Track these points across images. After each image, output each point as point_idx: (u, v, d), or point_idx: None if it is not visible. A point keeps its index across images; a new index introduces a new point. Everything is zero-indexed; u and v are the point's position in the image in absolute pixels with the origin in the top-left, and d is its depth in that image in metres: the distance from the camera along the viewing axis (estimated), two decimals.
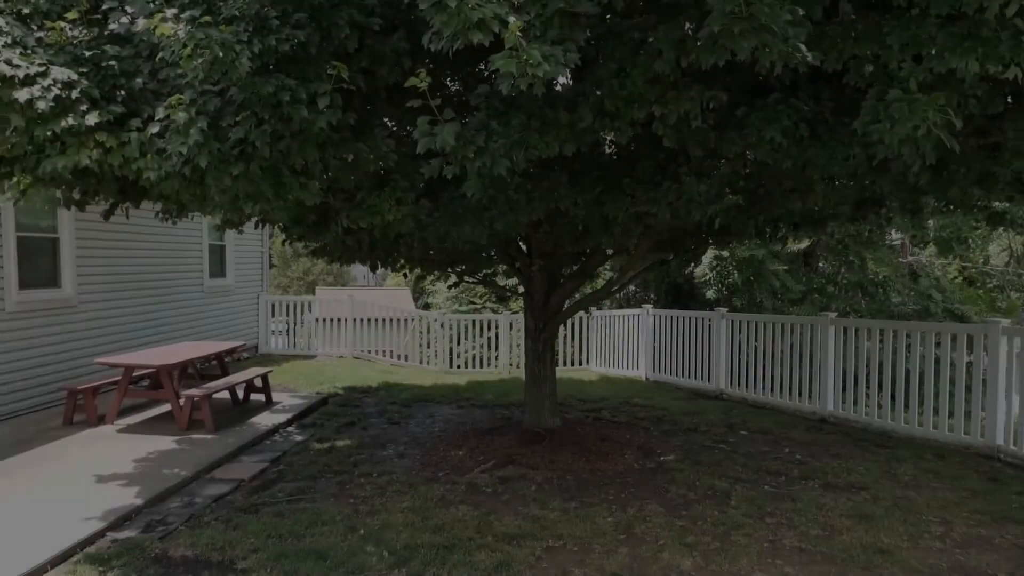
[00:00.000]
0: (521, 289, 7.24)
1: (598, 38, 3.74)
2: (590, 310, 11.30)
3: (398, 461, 6.33)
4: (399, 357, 12.85)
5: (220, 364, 8.84)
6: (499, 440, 6.71)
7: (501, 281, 8.57)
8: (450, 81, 5.48)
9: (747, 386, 9.12)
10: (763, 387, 8.86)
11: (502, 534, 4.58)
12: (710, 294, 14.59)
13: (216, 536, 4.52)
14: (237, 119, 3.43)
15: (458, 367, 12.30)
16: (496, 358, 12.26)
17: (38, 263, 8.25)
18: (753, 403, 8.94)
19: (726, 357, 9.45)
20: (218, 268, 12.31)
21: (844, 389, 7.86)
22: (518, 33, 2.81)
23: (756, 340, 8.94)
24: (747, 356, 9.09)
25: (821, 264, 16.13)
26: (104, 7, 3.68)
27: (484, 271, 7.03)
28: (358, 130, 3.89)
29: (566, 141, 3.85)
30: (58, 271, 8.59)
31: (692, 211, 4.41)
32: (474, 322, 12.45)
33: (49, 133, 3.45)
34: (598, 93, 3.69)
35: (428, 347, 12.64)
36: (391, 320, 13.02)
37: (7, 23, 3.43)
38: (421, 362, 12.57)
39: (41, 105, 3.31)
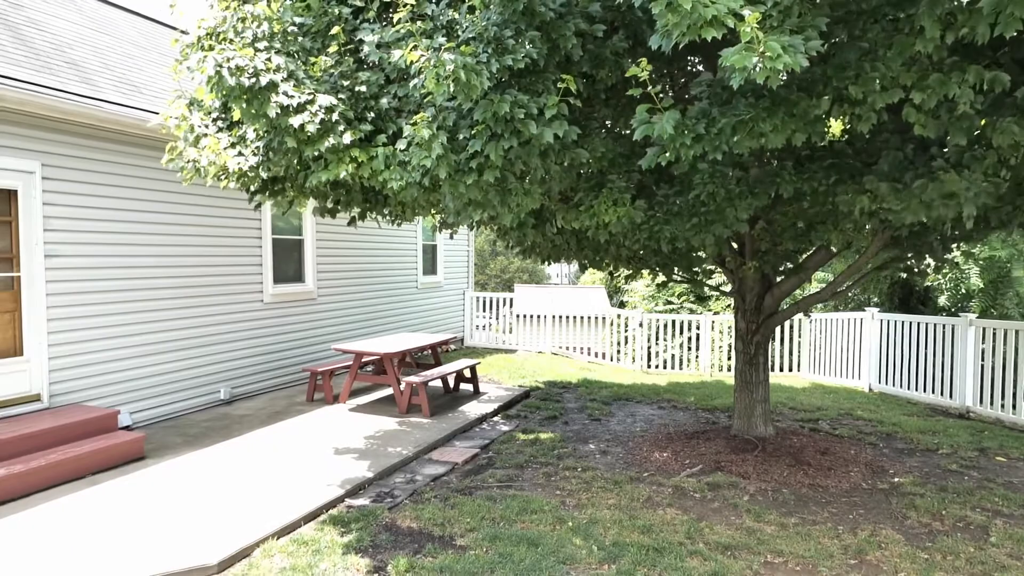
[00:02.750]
0: (727, 289, 6.88)
1: (843, 17, 3.41)
2: (809, 312, 10.39)
3: (601, 458, 6.35)
4: (596, 355, 12.92)
5: (434, 354, 9.54)
6: (705, 445, 6.45)
7: (708, 280, 8.21)
8: (668, 77, 5.34)
9: (1003, 405, 7.82)
10: None
11: (714, 543, 4.40)
12: (943, 300, 12.75)
13: (436, 513, 4.87)
14: (473, 133, 3.65)
15: (656, 367, 12.06)
16: (696, 359, 11.83)
17: (287, 261, 9.54)
18: (1011, 425, 7.65)
19: (974, 370, 8.19)
20: (430, 266, 13.31)
21: None
22: (755, 25, 2.66)
23: (1013, 351, 7.62)
24: (1002, 370, 7.79)
25: None
26: (357, 38, 4.13)
27: (693, 270, 6.76)
28: (579, 136, 3.95)
29: (796, 131, 3.57)
30: (302, 268, 9.85)
31: (953, 210, 3.85)
32: (673, 322, 12.11)
33: (315, 152, 3.94)
34: (842, 78, 3.36)
35: (625, 345, 12.54)
36: (588, 318, 13.14)
37: (284, 61, 3.98)
38: (618, 360, 12.52)
39: (310, 128, 3.80)
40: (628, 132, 4.76)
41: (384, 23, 4.14)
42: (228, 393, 8.38)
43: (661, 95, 3.35)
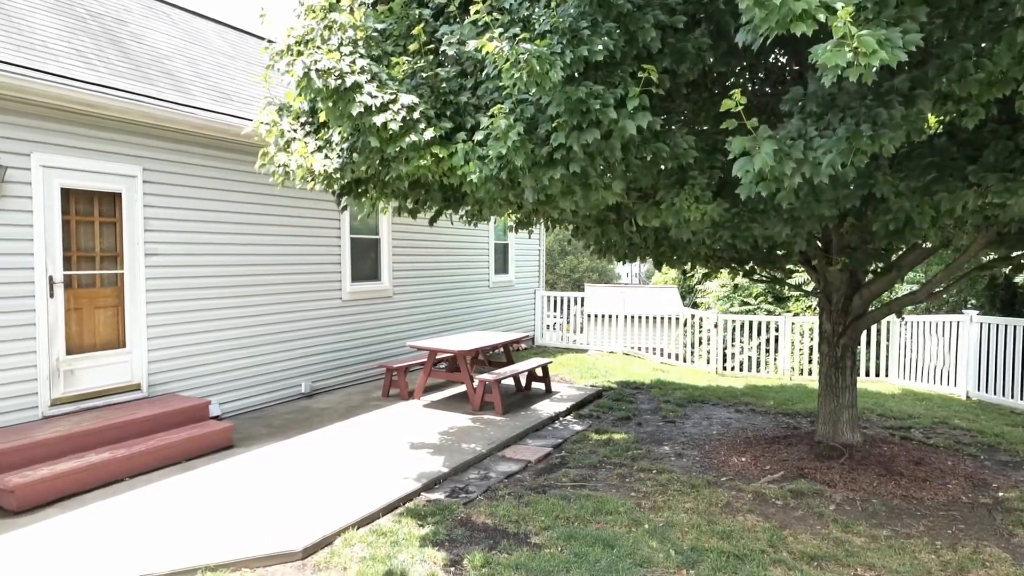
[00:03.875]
0: (809, 288, 6.59)
1: (944, 14, 3.21)
2: (902, 314, 9.83)
3: (676, 460, 6.22)
4: (669, 355, 12.68)
5: (506, 353, 9.60)
6: (787, 450, 6.21)
7: (789, 280, 7.88)
8: (752, 79, 5.14)
9: None
10: None
11: (799, 552, 4.23)
12: None
13: (511, 510, 4.89)
14: (554, 126, 3.64)
15: (731, 369, 11.73)
16: (775, 362, 11.42)
17: (364, 260, 9.81)
18: None
19: None
20: (501, 265, 13.40)
21: None
22: (848, 19, 2.53)
23: None
24: None
25: None
26: (439, 34, 4.20)
27: (774, 270, 6.50)
28: (660, 130, 3.87)
29: (894, 136, 3.38)
30: (378, 267, 10.11)
31: None
32: (750, 323, 11.74)
33: (397, 150, 4.03)
34: (944, 80, 3.16)
35: (699, 346, 12.26)
36: (661, 318, 12.91)
37: (367, 63, 4.09)
38: (692, 361, 12.25)
39: (392, 127, 3.90)
40: (707, 128, 4.64)
41: (462, 21, 4.19)
42: (308, 387, 8.69)
43: (751, 107, 3.23)
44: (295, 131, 4.88)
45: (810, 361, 11.07)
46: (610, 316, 13.11)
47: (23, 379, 5.80)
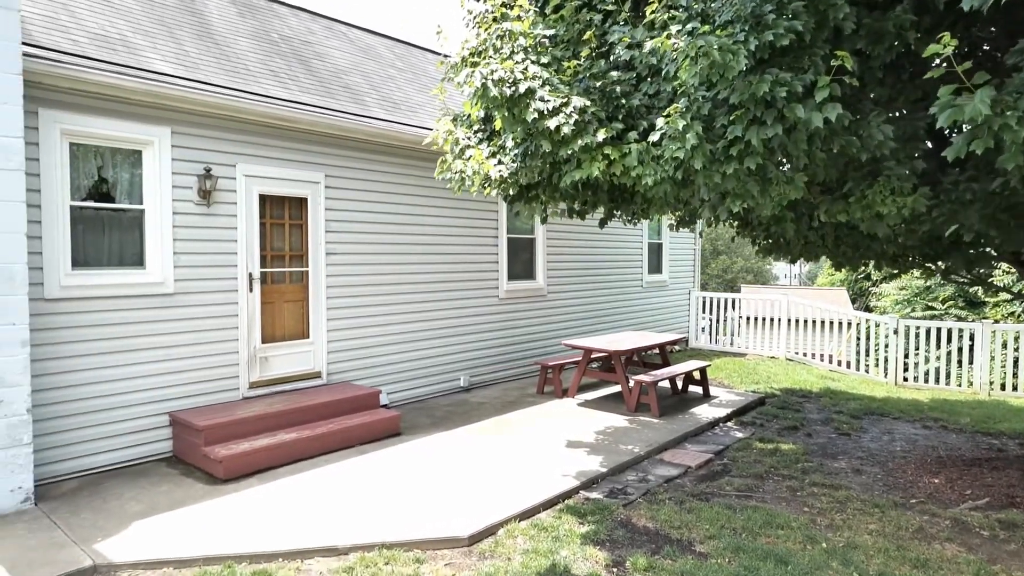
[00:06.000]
0: (1015, 290, 5.74)
1: None
2: None
3: (854, 477, 5.72)
4: (838, 363, 11.73)
5: (662, 354, 9.37)
6: (992, 475, 5.49)
7: (1001, 280, 6.94)
8: (961, 53, 4.57)
9: None
10: None
11: None
12: None
13: (672, 515, 4.76)
14: (732, 119, 3.47)
15: (912, 380, 10.59)
16: (968, 374, 10.15)
17: (519, 259, 10.01)
18: None
19: None
20: (655, 265, 13.10)
21: None
22: None
23: None
24: None
25: None
26: (608, 42, 4.18)
27: (978, 268, 5.74)
28: (851, 119, 3.57)
29: None
30: (533, 266, 10.28)
31: None
32: (937, 330, 10.53)
33: (569, 152, 4.06)
34: None
35: (874, 352, 11.20)
36: (828, 322, 11.95)
37: (538, 69, 4.17)
38: (865, 370, 11.23)
39: (565, 130, 3.93)
40: (904, 113, 4.20)
41: (633, 25, 4.12)
42: (467, 381, 9.04)
43: (969, 71, 2.86)
44: (469, 139, 5.10)
45: (1015, 375, 9.72)
46: (770, 319, 12.35)
47: (228, 363, 6.56)
